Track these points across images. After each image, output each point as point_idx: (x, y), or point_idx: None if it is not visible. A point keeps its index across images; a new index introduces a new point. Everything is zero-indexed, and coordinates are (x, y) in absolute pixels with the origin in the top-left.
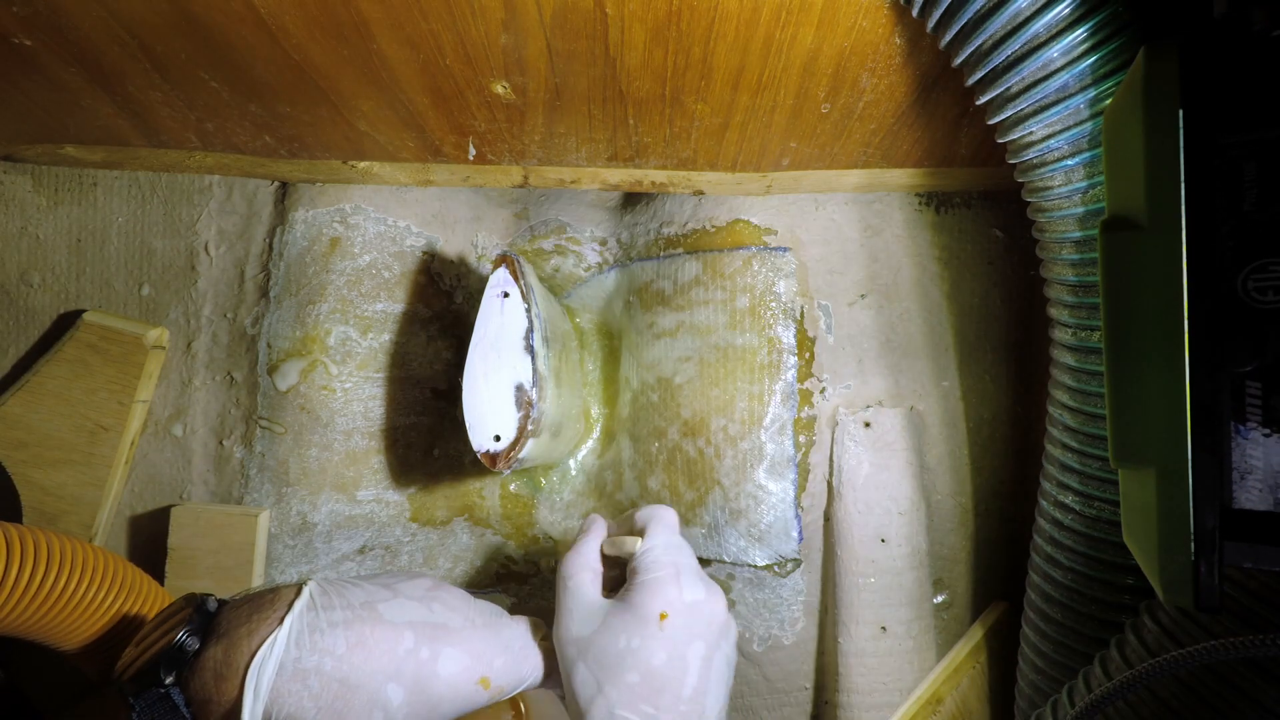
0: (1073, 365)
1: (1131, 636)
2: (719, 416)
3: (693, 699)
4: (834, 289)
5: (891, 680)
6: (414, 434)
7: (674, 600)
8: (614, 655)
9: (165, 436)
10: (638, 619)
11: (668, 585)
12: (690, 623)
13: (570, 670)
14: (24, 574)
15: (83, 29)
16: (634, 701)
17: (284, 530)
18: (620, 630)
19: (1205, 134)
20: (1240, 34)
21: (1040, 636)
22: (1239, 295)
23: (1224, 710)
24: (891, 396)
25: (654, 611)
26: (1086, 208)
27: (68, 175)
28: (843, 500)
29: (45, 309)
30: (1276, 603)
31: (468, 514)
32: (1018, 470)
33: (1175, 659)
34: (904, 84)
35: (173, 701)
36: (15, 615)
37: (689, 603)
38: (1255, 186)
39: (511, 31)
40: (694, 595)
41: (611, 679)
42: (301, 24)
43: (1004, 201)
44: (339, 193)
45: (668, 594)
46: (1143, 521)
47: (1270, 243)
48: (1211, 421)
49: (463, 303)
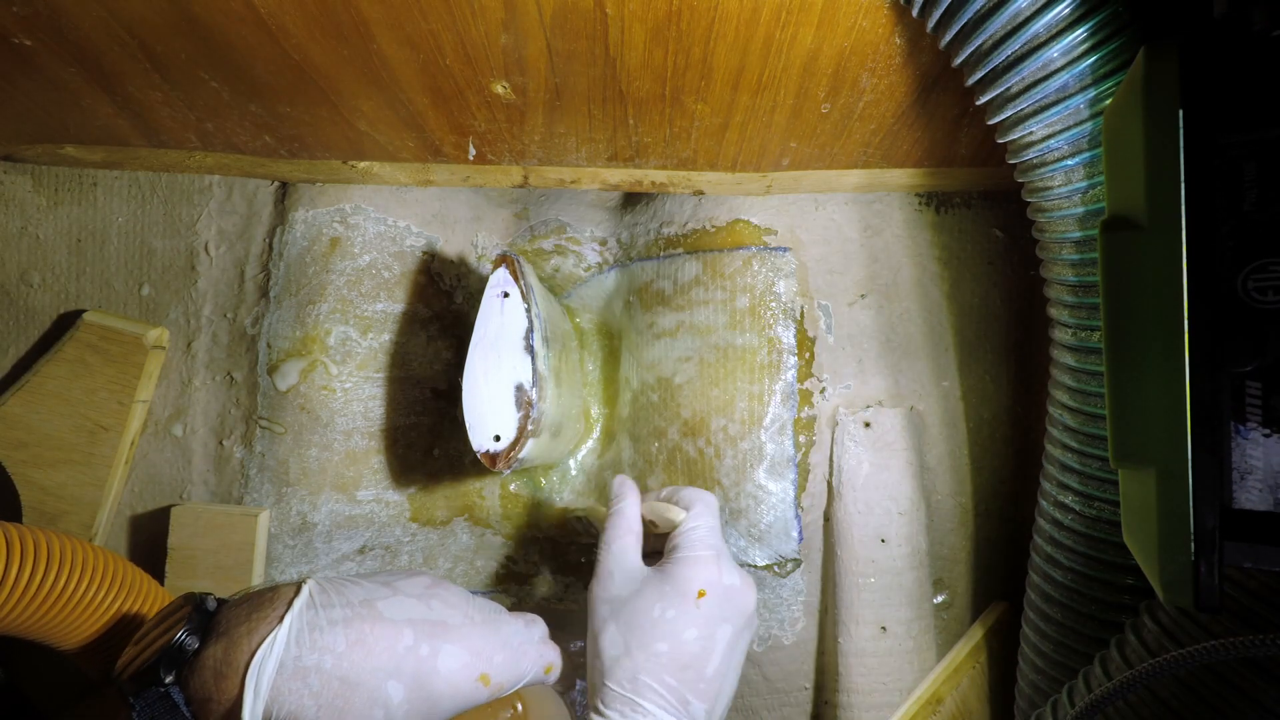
0: (1073, 365)
1: (1131, 636)
2: (719, 416)
3: (713, 679)
4: (834, 289)
5: (891, 680)
6: (414, 434)
7: (713, 581)
8: (647, 622)
9: (165, 436)
10: (677, 592)
11: (709, 565)
12: (724, 605)
13: (599, 628)
14: (24, 574)
15: (83, 29)
16: (659, 671)
17: (284, 530)
18: (656, 599)
19: (1205, 134)
20: (1240, 34)
21: (1040, 636)
22: (1239, 295)
23: (1224, 710)
24: (891, 396)
25: (693, 588)
26: (1086, 208)
27: (68, 175)
28: (843, 500)
29: (45, 309)
30: (1276, 603)
31: (468, 514)
32: (1018, 470)
33: (1175, 659)
34: (904, 84)
35: (173, 701)
36: (15, 615)
37: (727, 586)
38: (1255, 186)
39: (511, 31)
40: (731, 580)
41: (641, 644)
42: (301, 24)
43: (1004, 201)
44: (339, 193)
45: (709, 573)
46: (1143, 521)
47: (1270, 243)
48: (1211, 421)
49: (463, 303)
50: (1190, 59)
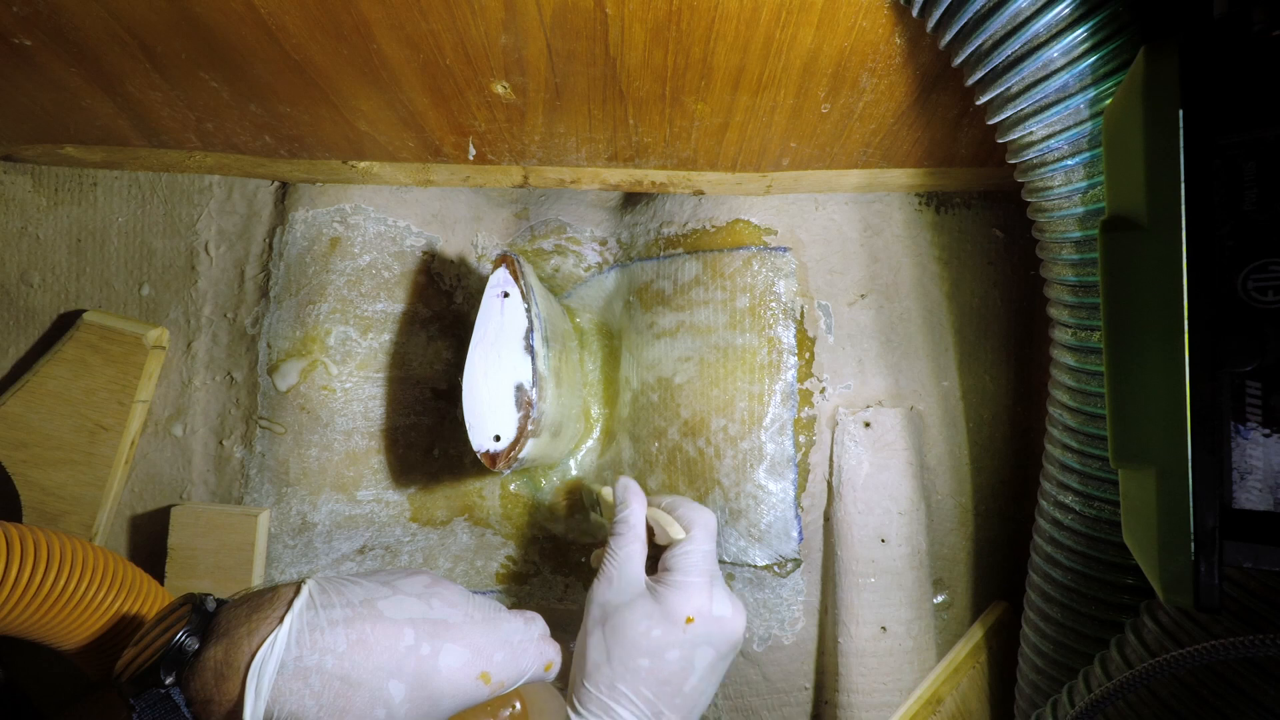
0: (1073, 365)
1: (1131, 636)
2: (719, 416)
3: (690, 694)
4: (834, 289)
5: (891, 680)
6: (414, 434)
7: (703, 609)
8: (632, 636)
9: (165, 436)
10: (666, 614)
11: (701, 593)
12: (710, 632)
13: (590, 629)
14: (24, 573)
15: (83, 29)
16: (636, 683)
17: (284, 530)
18: (645, 616)
19: (1205, 134)
20: (1240, 34)
21: (1040, 636)
22: (1239, 295)
23: (1224, 710)
24: (891, 396)
25: (683, 613)
26: (1086, 208)
27: (68, 175)
28: (843, 500)
29: (45, 309)
30: (1277, 602)
31: (468, 514)
32: (1018, 470)
33: (1175, 659)
34: (904, 84)
35: (173, 701)
36: (15, 615)
37: (715, 616)
38: (1255, 186)
39: (511, 31)
40: (721, 610)
41: (623, 656)
42: (302, 24)
43: (1004, 201)
44: (339, 193)
45: (699, 601)
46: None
47: (1270, 242)
48: (1211, 421)
49: (463, 303)
50: (1190, 59)
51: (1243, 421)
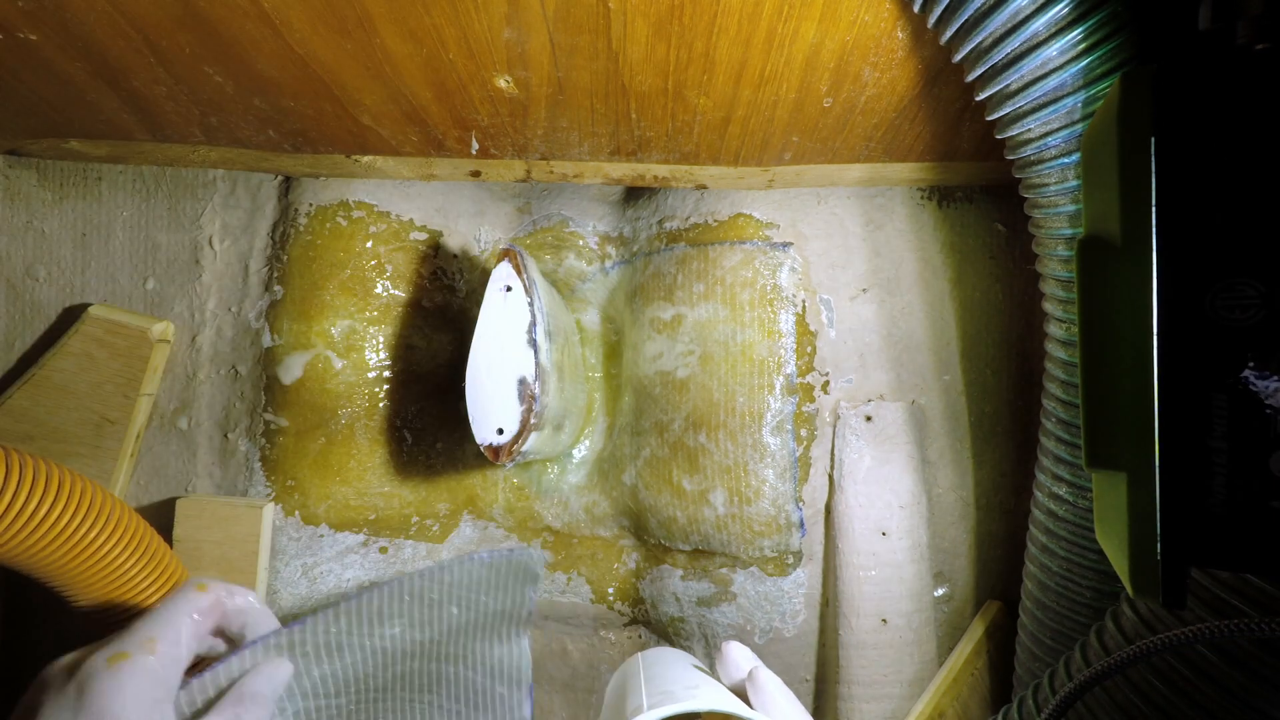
0: (1065, 360)
1: (1111, 625)
2: (721, 410)
3: None
4: (836, 283)
5: (892, 672)
6: (417, 427)
7: None
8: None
9: (170, 430)
10: None
11: None
12: None
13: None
14: (20, 495)
15: (88, 24)
16: None
17: (288, 522)
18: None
19: (1178, 162)
20: (1223, 48)
21: (1037, 625)
22: (1207, 313)
23: (1194, 695)
24: (893, 390)
25: None
26: (1079, 206)
27: (73, 170)
28: (844, 494)
29: (50, 303)
30: (1247, 594)
31: (470, 507)
32: (1019, 464)
33: (1148, 646)
34: (906, 78)
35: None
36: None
37: None
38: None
39: (515, 26)
40: None
41: None
42: (305, 18)
43: (1006, 195)
44: (342, 187)
45: None
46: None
47: (1237, 262)
48: (1179, 436)
49: (465, 297)
50: (1165, 89)
51: (1210, 436)
